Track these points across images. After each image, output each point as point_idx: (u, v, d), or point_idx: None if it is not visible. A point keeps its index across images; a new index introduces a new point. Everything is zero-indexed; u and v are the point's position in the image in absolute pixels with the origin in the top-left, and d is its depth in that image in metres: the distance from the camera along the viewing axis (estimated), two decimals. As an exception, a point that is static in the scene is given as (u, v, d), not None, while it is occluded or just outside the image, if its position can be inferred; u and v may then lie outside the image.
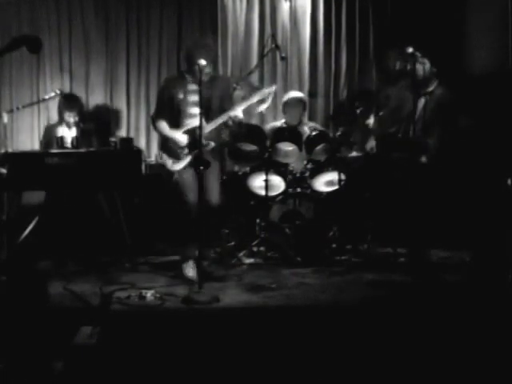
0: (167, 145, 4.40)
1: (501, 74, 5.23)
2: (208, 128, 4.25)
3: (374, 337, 3.04)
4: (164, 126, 4.41)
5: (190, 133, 4.30)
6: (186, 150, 4.32)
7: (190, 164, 4.29)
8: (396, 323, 3.26)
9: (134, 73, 5.96)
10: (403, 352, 2.85)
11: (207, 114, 4.24)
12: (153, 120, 4.57)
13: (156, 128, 4.52)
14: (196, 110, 4.18)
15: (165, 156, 4.42)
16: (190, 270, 4.32)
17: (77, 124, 5.19)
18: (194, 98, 4.26)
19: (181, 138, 4.33)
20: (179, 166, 4.35)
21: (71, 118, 5.19)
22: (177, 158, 4.35)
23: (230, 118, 4.27)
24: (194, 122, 4.22)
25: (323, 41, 6.07)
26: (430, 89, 4.62)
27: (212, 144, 4.30)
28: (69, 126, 5.19)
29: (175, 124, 4.38)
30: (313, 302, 3.76)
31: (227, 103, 4.37)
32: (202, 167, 3.90)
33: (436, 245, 4.79)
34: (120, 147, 4.80)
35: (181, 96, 4.34)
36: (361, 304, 3.73)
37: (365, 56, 6.09)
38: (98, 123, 5.54)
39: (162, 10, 5.94)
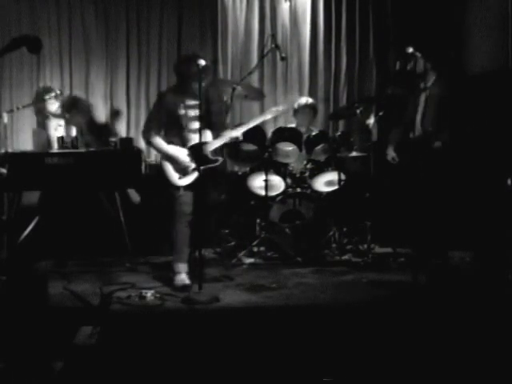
0: (171, 159, 4.25)
1: (501, 73, 5.23)
2: (214, 145, 4.23)
3: (374, 337, 3.04)
4: (161, 141, 4.26)
5: (195, 148, 4.16)
6: (193, 166, 4.20)
7: (196, 180, 4.19)
8: (396, 323, 3.26)
9: (133, 73, 5.96)
10: (403, 352, 2.85)
11: (210, 126, 4.23)
12: (145, 135, 4.33)
13: (151, 144, 4.33)
14: (196, 125, 4.14)
15: (170, 170, 4.25)
16: (186, 281, 4.15)
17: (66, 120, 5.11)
18: (194, 112, 4.18)
19: (183, 155, 4.20)
20: (186, 181, 4.21)
21: (51, 104, 5.07)
22: (183, 173, 4.21)
23: (232, 138, 4.28)
24: (197, 138, 4.10)
25: (323, 41, 6.08)
26: (429, 84, 4.68)
27: (220, 159, 4.28)
28: (55, 116, 5.11)
29: (175, 139, 4.25)
30: (312, 302, 3.76)
31: (219, 116, 4.34)
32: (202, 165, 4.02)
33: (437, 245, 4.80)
34: (120, 147, 4.80)
35: (182, 112, 4.20)
36: (361, 304, 3.72)
37: (365, 56, 6.09)
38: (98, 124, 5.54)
39: (162, 10, 5.94)
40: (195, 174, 4.19)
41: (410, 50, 4.06)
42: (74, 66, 5.85)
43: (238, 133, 4.30)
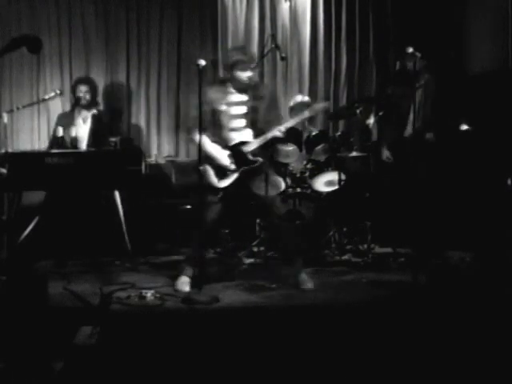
0: (211, 161, 4.05)
1: (501, 73, 5.23)
2: (254, 145, 4.04)
3: (374, 337, 3.04)
4: (204, 140, 4.01)
5: (235, 149, 4.04)
6: (233, 167, 4.04)
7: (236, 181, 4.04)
8: (396, 323, 3.26)
9: (133, 73, 5.96)
10: (403, 352, 2.85)
11: (254, 125, 4.07)
12: (190, 132, 4.10)
13: (194, 141, 4.05)
14: (240, 123, 4.03)
15: (211, 173, 4.06)
16: (186, 287, 4.06)
17: (95, 118, 5.12)
18: (238, 110, 4.03)
19: (223, 156, 4.02)
20: (225, 183, 4.05)
21: (82, 93, 5.10)
22: (222, 175, 4.04)
23: (272, 137, 4.06)
24: (239, 138, 4.02)
25: (323, 41, 6.08)
26: (422, 82, 4.72)
27: (260, 160, 4.08)
28: (82, 105, 5.09)
29: (216, 138, 4.05)
30: (312, 302, 3.76)
31: (273, 114, 4.12)
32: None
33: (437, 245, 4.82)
34: (120, 147, 4.80)
35: (223, 108, 4.02)
36: (361, 304, 3.72)
37: (365, 56, 6.10)
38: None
39: (162, 10, 5.95)
40: (234, 176, 4.06)
41: (410, 50, 4.05)
42: (73, 66, 5.85)
43: (278, 132, 4.06)
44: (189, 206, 5.30)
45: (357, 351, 2.86)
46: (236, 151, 4.04)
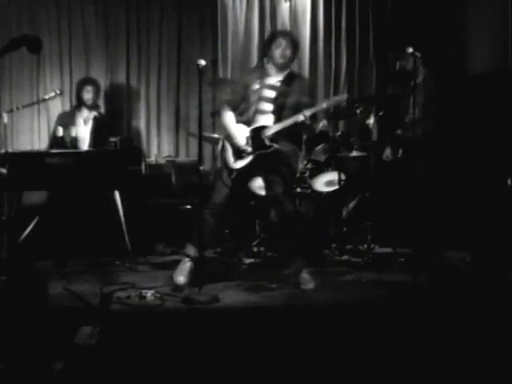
0: (230, 140, 4.08)
1: (501, 73, 5.23)
2: (274, 129, 3.97)
3: (374, 337, 3.04)
4: (228, 117, 4.08)
5: (255, 132, 4.01)
6: (249, 150, 4.02)
7: (250, 163, 4.02)
8: (396, 323, 3.26)
9: (133, 73, 5.96)
10: (403, 352, 2.85)
11: (279, 112, 4.01)
12: (220, 108, 4.18)
13: (220, 117, 4.17)
14: (268, 107, 4.00)
15: (229, 151, 4.08)
16: (181, 277, 4.06)
17: (96, 120, 5.13)
18: (269, 93, 4.01)
19: (242, 137, 4.02)
20: (240, 164, 4.04)
21: (90, 93, 5.13)
22: (238, 155, 4.04)
23: (296, 122, 3.97)
24: (262, 121, 4.00)
25: (323, 41, 6.08)
26: (419, 80, 4.73)
27: (275, 146, 3.98)
28: (87, 106, 5.12)
29: (242, 118, 4.07)
30: (312, 302, 3.76)
31: (303, 104, 4.02)
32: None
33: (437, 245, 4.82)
34: (120, 147, 4.80)
35: (256, 87, 4.01)
36: (361, 304, 3.72)
37: (365, 56, 6.10)
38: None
39: (161, 11, 5.96)
40: (249, 159, 4.02)
41: (410, 50, 4.06)
42: (74, 66, 5.86)
43: (302, 116, 3.92)
44: (189, 206, 5.31)
45: (357, 351, 2.86)
46: (255, 134, 4.02)
